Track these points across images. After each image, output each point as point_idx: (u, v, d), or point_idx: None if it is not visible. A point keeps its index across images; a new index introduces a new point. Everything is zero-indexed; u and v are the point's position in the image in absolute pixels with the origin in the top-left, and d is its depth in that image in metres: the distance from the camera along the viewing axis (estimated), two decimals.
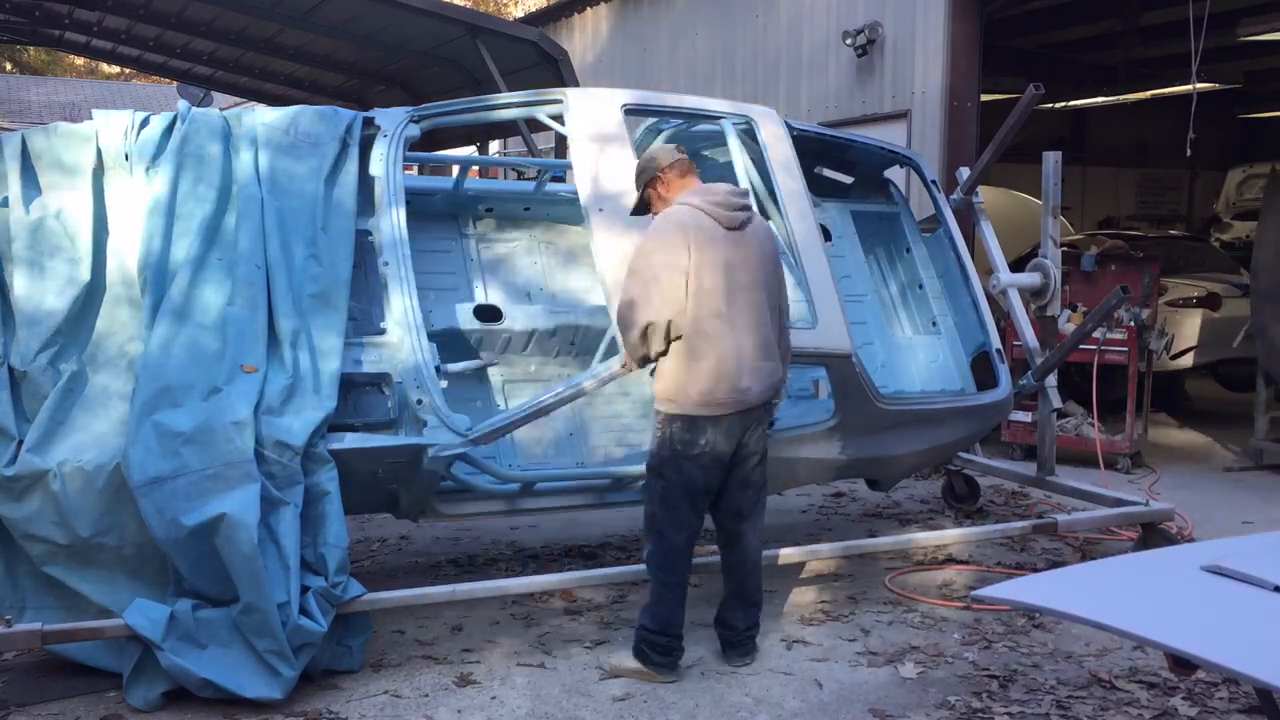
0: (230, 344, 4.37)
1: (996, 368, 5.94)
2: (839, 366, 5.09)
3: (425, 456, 4.52)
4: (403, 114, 5.11)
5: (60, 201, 4.57)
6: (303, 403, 4.35)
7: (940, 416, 5.63)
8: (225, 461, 4.09)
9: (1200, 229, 16.83)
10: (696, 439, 4.21)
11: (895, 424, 5.39)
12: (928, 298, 6.44)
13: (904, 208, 6.69)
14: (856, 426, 5.27)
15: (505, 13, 30.59)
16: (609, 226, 4.83)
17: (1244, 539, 3.45)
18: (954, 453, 6.34)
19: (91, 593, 4.15)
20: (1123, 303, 5.65)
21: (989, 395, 5.84)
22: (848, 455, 5.35)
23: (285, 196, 4.76)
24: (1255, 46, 11.64)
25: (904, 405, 5.47)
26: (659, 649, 4.30)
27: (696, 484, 4.27)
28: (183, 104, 4.98)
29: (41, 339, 4.30)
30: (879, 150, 6.40)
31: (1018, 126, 6.03)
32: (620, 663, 4.40)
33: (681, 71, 12.59)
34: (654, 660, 4.31)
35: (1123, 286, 5.67)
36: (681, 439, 4.22)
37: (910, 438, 5.54)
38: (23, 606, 4.15)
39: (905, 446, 5.56)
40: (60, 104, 24.66)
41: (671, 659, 4.33)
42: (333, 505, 4.26)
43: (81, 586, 4.14)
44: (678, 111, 5.65)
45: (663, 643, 4.30)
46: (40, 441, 4.10)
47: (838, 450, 5.30)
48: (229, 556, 4.00)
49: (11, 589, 4.16)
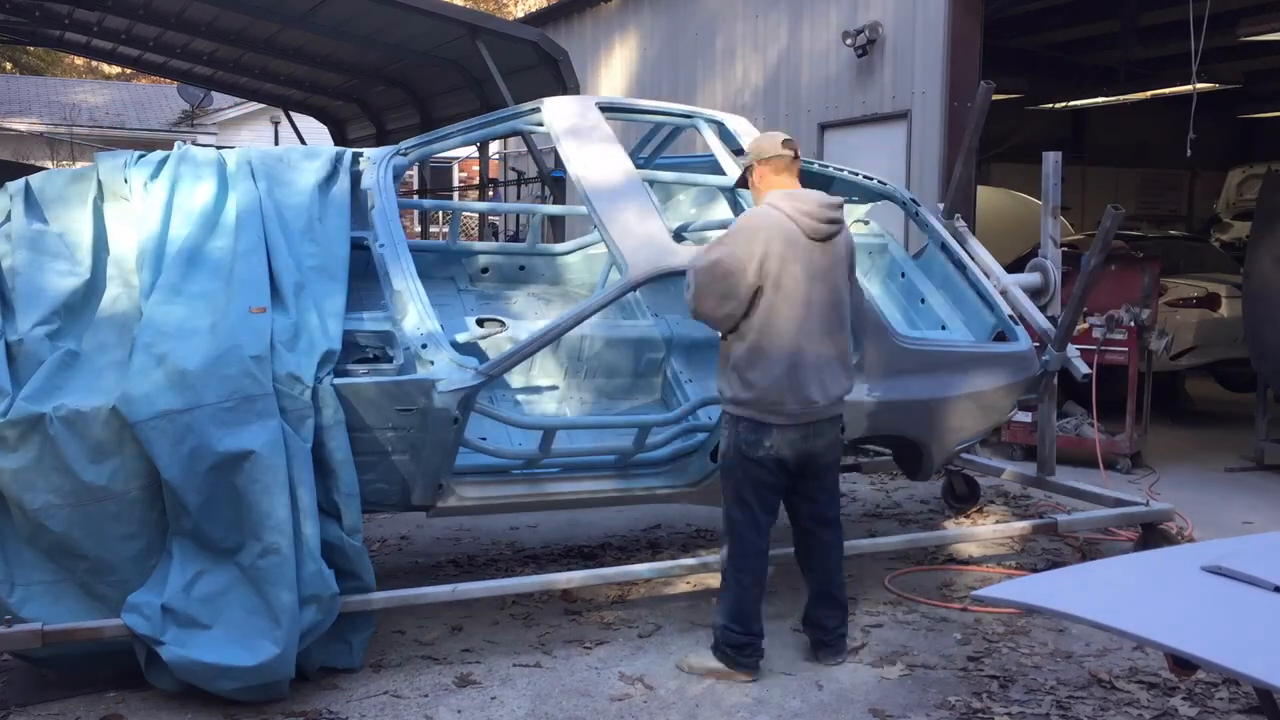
0: (235, 294, 4.41)
1: (1012, 330, 5.80)
2: None
3: (434, 393, 4.44)
4: (389, 149, 5.50)
5: (62, 225, 4.73)
6: (309, 342, 4.38)
7: (961, 361, 5.53)
8: (245, 395, 4.11)
9: (1200, 229, 16.83)
10: (761, 441, 4.28)
11: (918, 366, 5.30)
12: (932, 308, 6.41)
13: (889, 237, 6.72)
14: (878, 366, 5.19)
15: (505, 13, 30.60)
16: (592, 180, 5.01)
17: (1244, 539, 3.46)
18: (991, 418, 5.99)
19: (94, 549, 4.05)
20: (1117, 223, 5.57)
21: (1008, 346, 5.72)
22: (875, 398, 5.21)
23: (282, 195, 4.94)
24: (1255, 46, 11.65)
25: (923, 345, 5.40)
26: (738, 647, 4.35)
27: (764, 484, 4.34)
28: (178, 144, 5.26)
29: (38, 316, 4.33)
30: (862, 184, 6.36)
31: (978, 129, 6.01)
32: (698, 661, 4.44)
33: (682, 71, 12.59)
34: (733, 658, 4.36)
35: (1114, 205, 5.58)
36: (747, 440, 4.30)
37: (937, 384, 5.40)
38: (12, 583, 4.04)
39: (932, 392, 5.40)
40: (60, 104, 24.65)
41: (751, 657, 4.36)
42: (341, 448, 4.27)
43: (83, 543, 4.04)
44: (650, 113, 5.85)
45: (742, 640, 4.34)
46: (36, 394, 4.07)
47: (865, 392, 5.17)
48: (253, 495, 3.99)
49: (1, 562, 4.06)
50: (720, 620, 4.39)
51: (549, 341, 4.80)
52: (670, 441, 5.23)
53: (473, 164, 22.35)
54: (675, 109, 5.93)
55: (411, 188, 18.18)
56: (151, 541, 4.13)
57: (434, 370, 4.52)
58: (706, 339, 6.24)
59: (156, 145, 6.51)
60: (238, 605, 4.03)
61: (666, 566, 5.05)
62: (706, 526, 6.55)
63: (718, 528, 6.48)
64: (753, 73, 11.42)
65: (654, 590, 5.38)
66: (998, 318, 5.88)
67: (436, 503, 4.79)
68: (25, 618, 3.98)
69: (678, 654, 4.59)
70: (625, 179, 5.02)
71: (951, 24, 8.98)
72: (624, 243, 4.72)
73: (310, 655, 4.18)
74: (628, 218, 4.82)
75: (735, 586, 4.36)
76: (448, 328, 5.25)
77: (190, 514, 4.05)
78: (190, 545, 4.09)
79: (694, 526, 6.58)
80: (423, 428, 4.50)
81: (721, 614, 4.39)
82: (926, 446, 5.57)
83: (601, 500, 5.24)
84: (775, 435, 4.26)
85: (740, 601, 4.34)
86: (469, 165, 24.09)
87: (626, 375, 6.07)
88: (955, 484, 6.92)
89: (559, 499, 5.11)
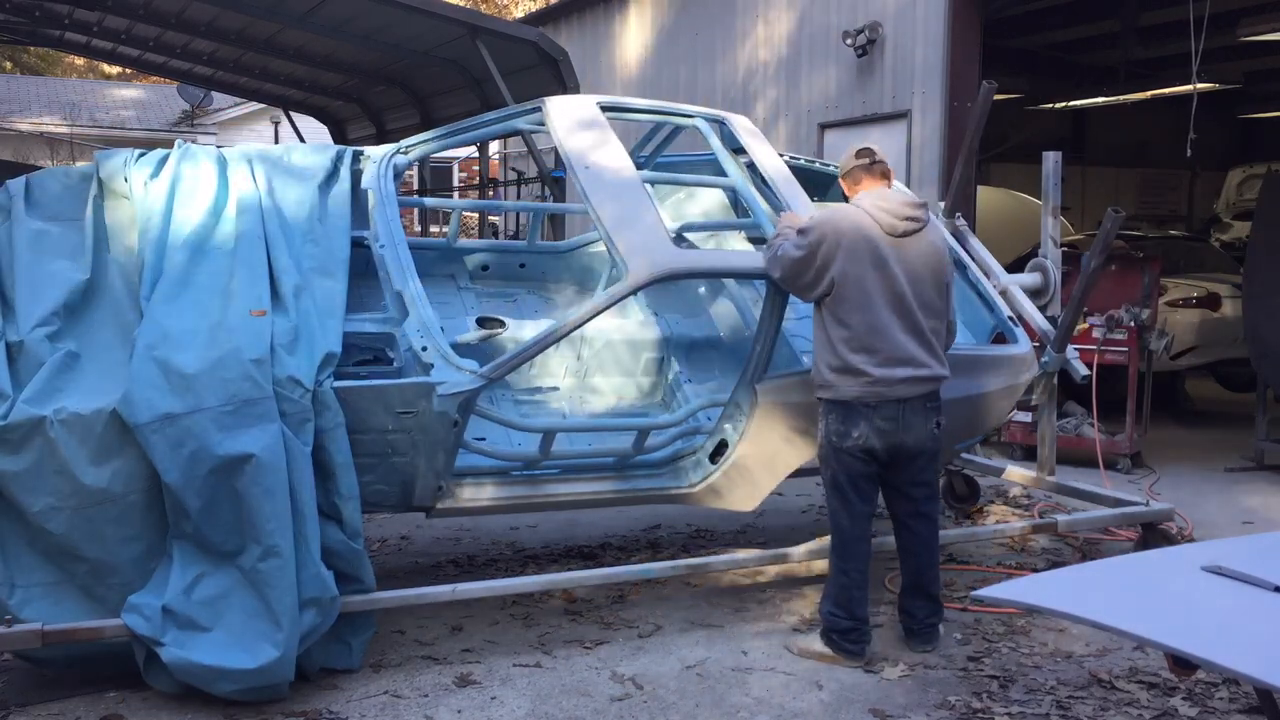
0: (235, 296, 4.42)
1: (1011, 331, 5.81)
2: None
3: (434, 396, 4.45)
4: (390, 148, 5.51)
5: (62, 225, 4.73)
6: (309, 345, 4.38)
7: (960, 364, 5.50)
8: (246, 398, 4.10)
9: (1200, 229, 16.83)
10: (850, 430, 4.45)
11: None
12: None
13: None
14: None
15: (505, 13, 30.59)
16: (593, 180, 5.03)
17: (1244, 539, 3.46)
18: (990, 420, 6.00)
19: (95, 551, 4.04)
20: (1117, 225, 5.59)
21: (1006, 348, 5.72)
22: None
23: (282, 195, 4.95)
24: (1255, 46, 11.65)
25: None
26: (843, 632, 4.49)
27: (857, 473, 4.49)
28: (178, 142, 5.25)
29: (39, 317, 4.32)
30: None
31: (979, 129, 6.01)
32: (807, 644, 4.61)
33: (682, 71, 12.59)
34: (839, 644, 4.50)
35: (1114, 207, 5.61)
36: (837, 430, 4.48)
37: None
38: (12, 584, 4.02)
39: None
40: (61, 104, 24.65)
41: (859, 644, 4.50)
42: (342, 451, 4.27)
43: (84, 545, 4.03)
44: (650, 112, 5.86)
45: (848, 627, 4.48)
46: (36, 397, 4.06)
47: None
48: (254, 498, 3.98)
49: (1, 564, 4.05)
50: (826, 606, 4.55)
51: (548, 345, 4.80)
52: (671, 443, 5.23)
53: (473, 164, 22.35)
54: (676, 108, 5.93)
55: (411, 187, 18.18)
56: (153, 544, 4.13)
57: (434, 373, 4.52)
58: (706, 339, 6.24)
59: (157, 145, 6.51)
60: (238, 608, 4.02)
61: (666, 566, 5.05)
62: (706, 526, 6.55)
63: (717, 528, 6.52)
64: (753, 72, 11.42)
65: (654, 590, 5.37)
66: (997, 319, 5.87)
67: (436, 504, 4.79)
68: (25, 619, 3.97)
69: (678, 654, 4.59)
70: (626, 179, 5.02)
71: (951, 24, 8.99)
72: (624, 245, 4.71)
73: (310, 656, 4.17)
74: (628, 219, 4.81)
75: (839, 574, 4.53)
76: (448, 326, 5.26)
77: (191, 517, 4.04)
78: (191, 548, 4.09)
79: (694, 526, 6.58)
80: (423, 430, 4.50)
81: (828, 600, 4.56)
82: None
83: (601, 501, 5.23)
84: (862, 425, 4.43)
85: (844, 589, 4.50)
86: (469, 165, 24.08)
87: (626, 375, 6.07)
88: (955, 484, 6.92)
89: (559, 500, 5.11)
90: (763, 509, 5.79)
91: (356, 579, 4.31)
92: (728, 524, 6.57)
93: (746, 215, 5.57)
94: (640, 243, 4.73)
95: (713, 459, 5.09)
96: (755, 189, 5.40)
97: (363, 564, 4.33)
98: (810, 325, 6.27)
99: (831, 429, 4.49)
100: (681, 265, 4.83)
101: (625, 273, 4.67)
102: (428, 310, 4.73)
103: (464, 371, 4.54)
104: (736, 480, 5.12)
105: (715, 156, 5.58)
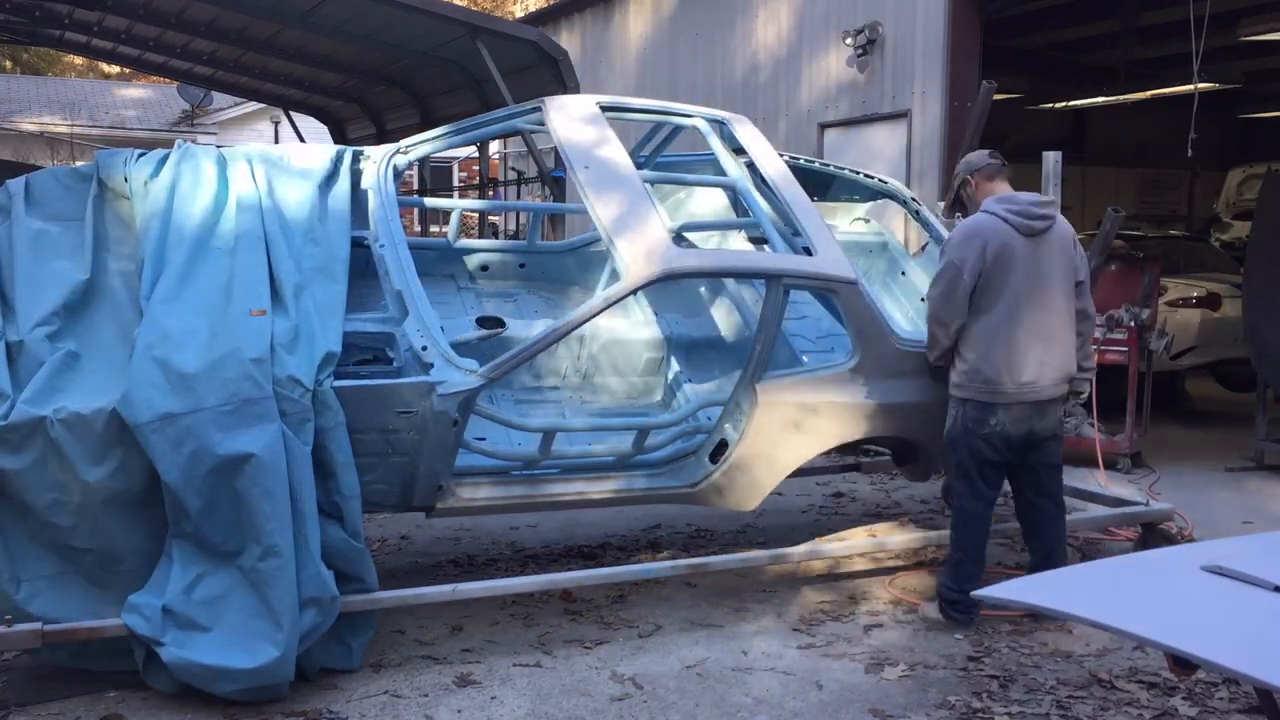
0: (235, 296, 4.42)
1: None
2: (847, 295, 5.06)
3: (434, 396, 4.45)
4: (390, 148, 5.52)
5: (62, 224, 4.73)
6: (309, 344, 4.38)
7: None
8: (246, 398, 4.10)
9: (1200, 229, 16.83)
10: (986, 419, 4.77)
11: (918, 368, 5.30)
12: None
13: (889, 236, 6.72)
14: (876, 368, 5.21)
15: (505, 13, 30.60)
16: (593, 179, 5.05)
17: (1244, 539, 3.45)
18: None
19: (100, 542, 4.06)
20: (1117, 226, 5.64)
21: None
22: (873, 401, 5.24)
23: (282, 195, 4.96)
24: (1255, 46, 11.66)
25: (920, 347, 5.42)
26: (952, 603, 4.86)
27: (986, 459, 4.82)
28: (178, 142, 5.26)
29: (39, 317, 4.32)
30: (863, 183, 6.38)
31: (979, 128, 6.02)
32: (930, 610, 4.99)
33: (682, 71, 12.59)
34: (948, 612, 4.89)
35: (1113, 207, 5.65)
36: (972, 418, 4.80)
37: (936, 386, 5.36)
38: (18, 580, 4.03)
39: (931, 394, 5.38)
40: (61, 103, 24.65)
41: (964, 614, 4.86)
42: (342, 451, 4.27)
43: (89, 538, 4.05)
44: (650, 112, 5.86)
45: (955, 597, 4.84)
46: (36, 397, 4.06)
47: (863, 394, 5.21)
48: (254, 498, 3.98)
49: (5, 558, 4.05)
50: (943, 578, 4.97)
51: (548, 345, 4.80)
52: (671, 443, 5.22)
53: (473, 164, 22.34)
54: (676, 108, 5.92)
55: (411, 187, 18.18)
56: (155, 533, 4.14)
57: (434, 373, 4.52)
58: (706, 339, 6.24)
59: (157, 145, 6.52)
60: (238, 608, 4.02)
61: (666, 566, 5.05)
62: (706, 526, 6.55)
63: (717, 528, 6.52)
64: (753, 72, 11.42)
65: (654, 590, 5.37)
66: None
67: (437, 503, 4.79)
68: (33, 613, 3.99)
69: (678, 654, 4.59)
70: (626, 179, 5.01)
71: (951, 24, 8.99)
72: (624, 245, 4.71)
73: (310, 656, 4.17)
74: (628, 219, 4.81)
75: (956, 550, 4.90)
76: (448, 326, 5.26)
77: (191, 517, 4.04)
78: (191, 548, 4.09)
79: (694, 526, 6.58)
80: (423, 430, 4.50)
81: (945, 573, 4.97)
82: (925, 448, 5.57)
83: (601, 501, 5.23)
84: (1000, 413, 4.74)
85: (959, 564, 4.88)
86: (469, 165, 24.08)
87: (626, 375, 6.07)
88: None
89: (559, 500, 5.10)
90: (763, 509, 5.79)
91: (358, 578, 4.31)
92: (728, 524, 6.57)
93: (746, 215, 5.57)
94: (640, 242, 4.73)
95: (713, 459, 5.09)
96: (755, 189, 5.40)
97: (364, 563, 4.33)
98: (810, 325, 6.36)
99: (969, 417, 4.78)
100: (681, 265, 4.83)
101: (625, 273, 4.67)
102: (428, 310, 4.73)
103: (464, 371, 4.55)
104: (737, 480, 5.12)
105: (715, 156, 5.58)
